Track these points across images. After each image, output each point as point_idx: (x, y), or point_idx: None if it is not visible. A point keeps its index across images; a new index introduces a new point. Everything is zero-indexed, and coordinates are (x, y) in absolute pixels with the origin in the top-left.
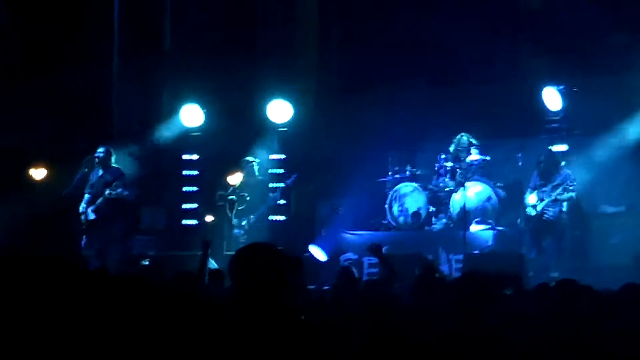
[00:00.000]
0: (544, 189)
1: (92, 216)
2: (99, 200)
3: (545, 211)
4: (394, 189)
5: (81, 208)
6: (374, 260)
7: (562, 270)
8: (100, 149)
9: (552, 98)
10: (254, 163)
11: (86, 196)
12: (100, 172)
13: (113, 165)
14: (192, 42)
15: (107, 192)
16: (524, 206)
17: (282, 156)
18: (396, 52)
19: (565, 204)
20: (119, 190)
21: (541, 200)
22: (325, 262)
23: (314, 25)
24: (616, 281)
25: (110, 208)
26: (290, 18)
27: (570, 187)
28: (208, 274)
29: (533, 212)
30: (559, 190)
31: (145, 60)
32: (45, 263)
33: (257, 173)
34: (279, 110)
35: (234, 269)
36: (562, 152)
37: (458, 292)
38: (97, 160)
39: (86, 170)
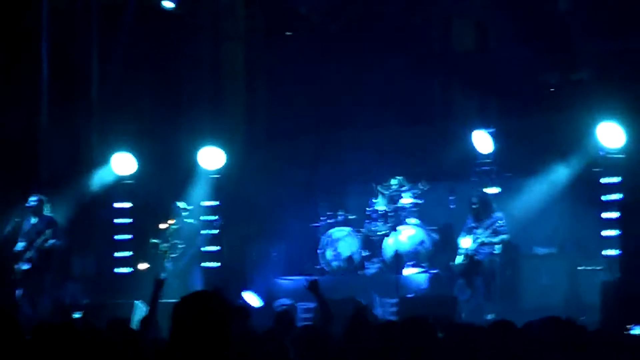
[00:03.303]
0: (476, 231)
1: (25, 266)
2: (32, 250)
3: (476, 253)
4: (327, 233)
5: (18, 246)
6: (309, 305)
7: (495, 312)
8: (33, 198)
9: (482, 141)
10: (182, 208)
11: (19, 244)
12: (34, 220)
13: (46, 214)
14: (120, 90)
15: (39, 242)
16: (457, 248)
17: (215, 203)
18: (325, 98)
19: (497, 246)
20: (51, 241)
21: (472, 242)
22: (259, 308)
23: (240, 75)
24: None
25: (42, 258)
26: (217, 67)
27: (501, 229)
28: (141, 322)
29: (463, 252)
30: (488, 232)
31: (73, 109)
32: None
33: (185, 219)
34: (211, 157)
35: (178, 317)
36: (494, 194)
37: (394, 336)
38: (29, 209)
39: (17, 220)
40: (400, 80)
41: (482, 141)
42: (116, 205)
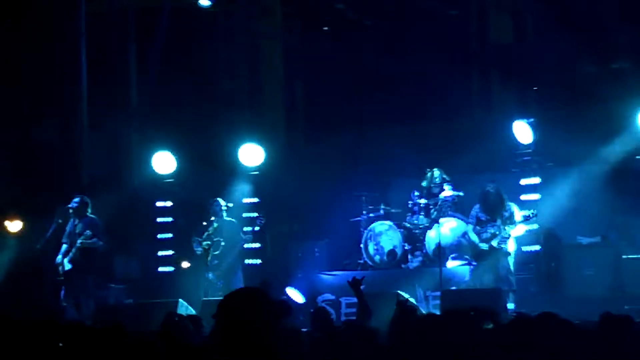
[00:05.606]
0: (494, 223)
1: (68, 267)
2: (73, 250)
3: (501, 246)
4: (369, 228)
5: (58, 259)
6: (352, 300)
7: (519, 301)
8: (75, 199)
9: (522, 131)
10: (222, 205)
11: (63, 247)
12: (76, 221)
13: (89, 215)
14: (158, 91)
15: (79, 241)
16: (470, 242)
17: (256, 200)
18: (363, 91)
19: (513, 236)
20: (93, 240)
21: (493, 235)
22: (302, 304)
23: (278, 72)
24: (591, 313)
25: (84, 258)
26: (255, 66)
27: (529, 220)
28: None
29: (486, 247)
30: (507, 224)
31: (113, 111)
32: (21, 327)
33: (225, 214)
34: (251, 154)
35: (222, 314)
36: (534, 184)
37: (438, 329)
38: (71, 210)
39: (60, 221)
40: (438, 73)
41: (523, 132)
42: (158, 204)
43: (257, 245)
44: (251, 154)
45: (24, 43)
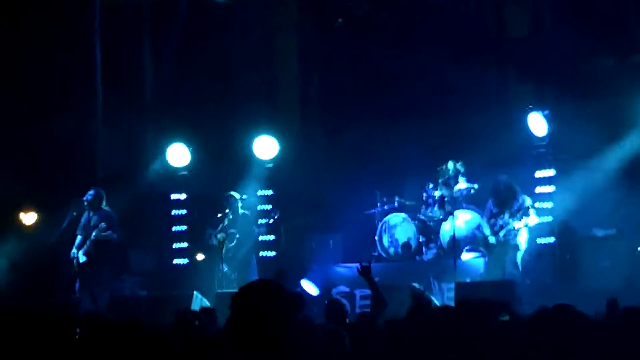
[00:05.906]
0: (502, 216)
1: (83, 259)
2: (88, 243)
3: (508, 238)
4: (383, 220)
5: (73, 252)
6: (367, 292)
7: (535, 294)
8: (90, 192)
9: (537, 124)
10: (236, 198)
11: (78, 239)
12: (91, 214)
13: (104, 207)
14: (173, 85)
15: (94, 234)
16: (484, 235)
17: (270, 192)
18: (379, 85)
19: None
20: (108, 232)
21: (500, 227)
22: (317, 296)
23: (293, 66)
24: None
25: (99, 250)
26: (270, 59)
27: (539, 212)
28: (200, 312)
29: (494, 240)
30: (517, 216)
31: (128, 106)
32: (37, 319)
33: (240, 208)
34: (265, 147)
35: (237, 307)
36: (549, 177)
37: (453, 321)
38: (86, 203)
39: (75, 213)
40: (454, 67)
41: (537, 124)
42: (172, 196)
43: (272, 237)
44: (266, 147)
45: (38, 38)
